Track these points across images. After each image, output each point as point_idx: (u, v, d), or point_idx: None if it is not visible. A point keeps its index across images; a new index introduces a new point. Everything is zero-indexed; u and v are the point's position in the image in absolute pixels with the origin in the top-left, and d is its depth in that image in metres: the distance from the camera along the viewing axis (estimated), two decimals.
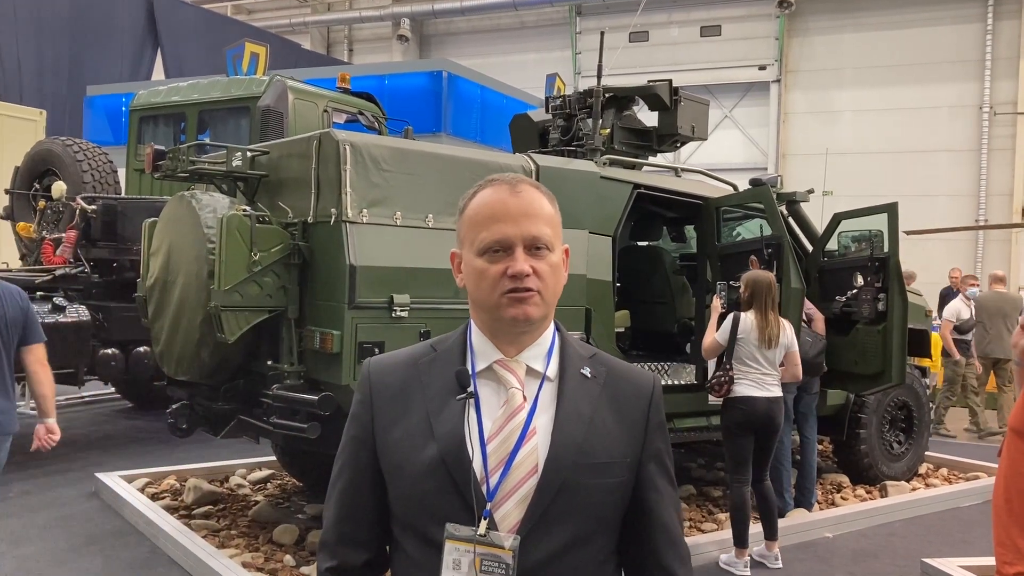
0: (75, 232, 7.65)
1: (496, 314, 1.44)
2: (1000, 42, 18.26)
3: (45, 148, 9.23)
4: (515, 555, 1.36)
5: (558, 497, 1.39)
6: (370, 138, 5.32)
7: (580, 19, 22.15)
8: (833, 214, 6.82)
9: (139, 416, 9.38)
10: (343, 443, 1.55)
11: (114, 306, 7.50)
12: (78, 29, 17.83)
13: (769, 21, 20.33)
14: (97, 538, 5.49)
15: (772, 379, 5.35)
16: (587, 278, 5.53)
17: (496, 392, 1.45)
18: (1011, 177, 18.20)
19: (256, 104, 8.37)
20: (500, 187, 1.46)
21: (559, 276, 1.48)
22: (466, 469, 1.38)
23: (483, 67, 17.67)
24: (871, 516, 6.43)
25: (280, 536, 5.39)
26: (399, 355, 1.55)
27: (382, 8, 23.86)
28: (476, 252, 1.44)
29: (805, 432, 6.49)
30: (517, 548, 1.37)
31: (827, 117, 19.69)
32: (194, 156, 5.42)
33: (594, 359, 1.52)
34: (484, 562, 1.36)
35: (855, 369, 6.45)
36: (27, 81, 16.83)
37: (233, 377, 5.30)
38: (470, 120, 14.13)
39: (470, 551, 1.37)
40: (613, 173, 6.07)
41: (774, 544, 5.43)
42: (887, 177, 18.17)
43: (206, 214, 4.94)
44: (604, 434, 1.45)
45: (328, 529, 1.55)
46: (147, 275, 5.66)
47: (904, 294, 6.28)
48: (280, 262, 4.80)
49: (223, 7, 25.11)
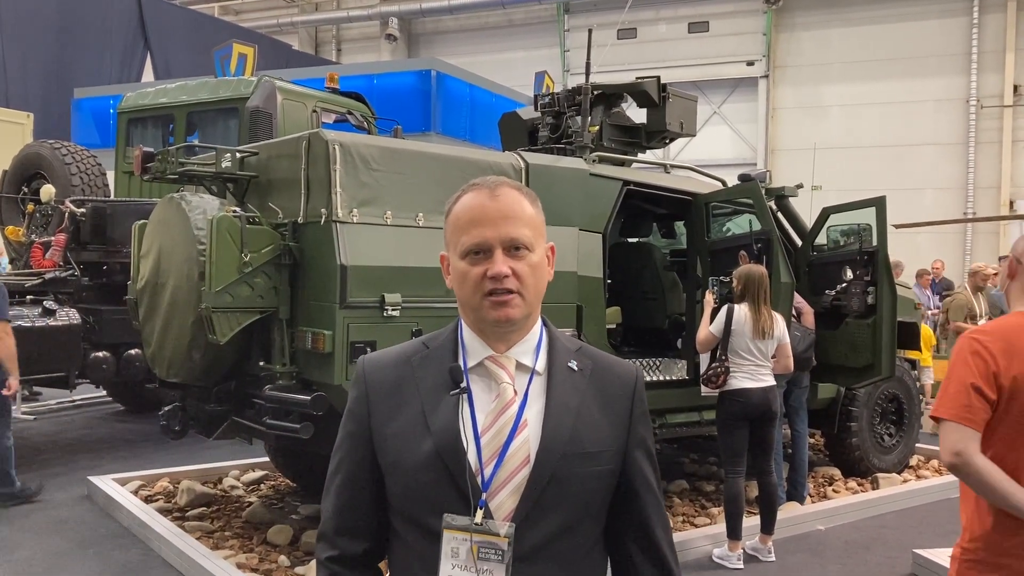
0: (64, 235, 7.62)
1: (479, 314, 1.50)
2: (986, 36, 18.36)
3: (33, 151, 9.20)
4: (510, 542, 1.43)
5: (550, 486, 1.45)
6: (359, 138, 5.32)
7: (568, 16, 22.17)
8: (822, 208, 6.86)
9: (131, 419, 9.36)
10: (340, 438, 1.60)
11: (104, 309, 7.48)
12: (65, 31, 17.75)
13: (757, 17, 20.40)
14: (91, 541, 5.49)
15: (765, 370, 5.40)
16: (578, 275, 5.55)
17: (488, 387, 1.51)
18: (998, 170, 18.31)
19: (245, 105, 8.36)
20: (480, 191, 1.52)
21: (540, 275, 1.53)
22: (461, 461, 1.44)
23: (472, 66, 17.68)
24: (863, 508, 6.47)
25: (274, 537, 5.39)
26: (392, 352, 1.60)
27: (370, 7, 23.83)
28: (459, 255, 1.50)
29: (796, 426, 6.52)
30: (512, 535, 1.43)
31: (815, 112, 19.76)
32: (183, 158, 5.41)
33: (580, 352, 1.58)
34: (481, 549, 1.43)
35: (845, 362, 6.49)
36: (13, 84, 16.75)
37: (225, 378, 5.30)
38: (459, 119, 14.14)
39: (467, 539, 1.44)
40: (602, 170, 6.09)
41: (768, 538, 5.46)
42: (876, 171, 18.25)
43: (196, 216, 4.94)
44: (591, 424, 1.51)
45: (327, 520, 1.59)
46: (138, 277, 5.65)
47: (893, 287, 6.31)
48: (271, 263, 4.80)
49: (210, 8, 25.04)
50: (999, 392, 2.23)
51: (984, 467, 2.20)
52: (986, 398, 2.23)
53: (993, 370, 2.23)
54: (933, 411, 2.32)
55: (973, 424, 2.22)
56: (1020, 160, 18.35)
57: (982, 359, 2.25)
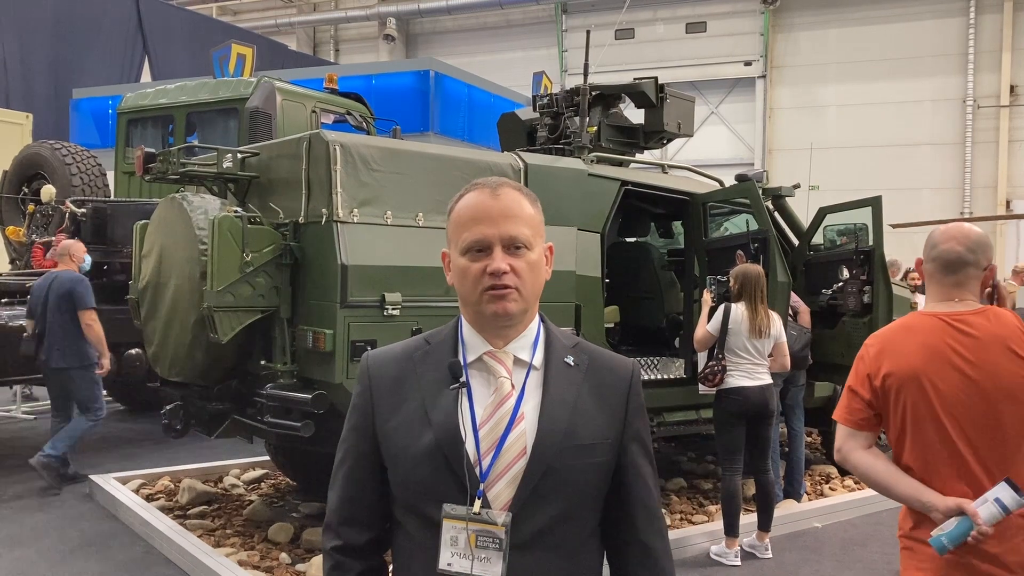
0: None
1: (478, 309, 1.55)
2: (982, 36, 18.42)
3: (33, 152, 9.23)
4: (507, 531, 1.48)
5: (546, 477, 1.50)
6: (359, 138, 5.36)
7: (566, 17, 22.22)
8: (818, 208, 6.90)
9: (132, 418, 9.39)
10: (345, 431, 1.65)
11: (106, 309, 7.48)
12: (64, 31, 17.76)
13: (754, 17, 20.46)
14: (92, 540, 5.52)
15: (762, 368, 5.44)
16: (576, 274, 5.59)
17: (486, 381, 1.56)
18: (995, 169, 18.38)
19: (244, 106, 8.39)
20: (482, 190, 1.57)
21: (538, 273, 1.58)
22: (460, 453, 1.50)
23: (470, 66, 17.73)
24: (859, 506, 6.51)
25: (275, 535, 5.43)
26: (395, 348, 1.66)
27: (368, 8, 23.87)
28: (460, 252, 1.55)
29: (793, 424, 6.56)
30: (509, 524, 1.48)
31: (812, 112, 19.82)
32: (184, 158, 5.44)
33: (576, 348, 1.63)
34: (479, 538, 1.48)
35: (842, 361, 6.52)
36: (13, 84, 16.77)
37: (226, 377, 5.33)
38: (458, 119, 14.17)
39: (466, 528, 1.48)
40: (601, 170, 6.13)
41: (765, 535, 5.50)
42: (873, 171, 18.32)
43: (197, 216, 4.97)
44: (587, 418, 1.56)
45: (332, 511, 1.64)
46: (139, 277, 5.68)
47: (889, 286, 6.35)
48: (272, 262, 4.84)
49: (208, 8, 25.06)
50: (872, 392, 2.38)
51: (861, 461, 2.40)
52: (862, 398, 2.40)
53: (867, 372, 2.40)
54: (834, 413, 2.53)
55: (852, 424, 2.42)
56: (1017, 160, 18.41)
57: (862, 362, 2.43)
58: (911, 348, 2.35)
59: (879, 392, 2.37)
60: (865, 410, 2.40)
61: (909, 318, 2.46)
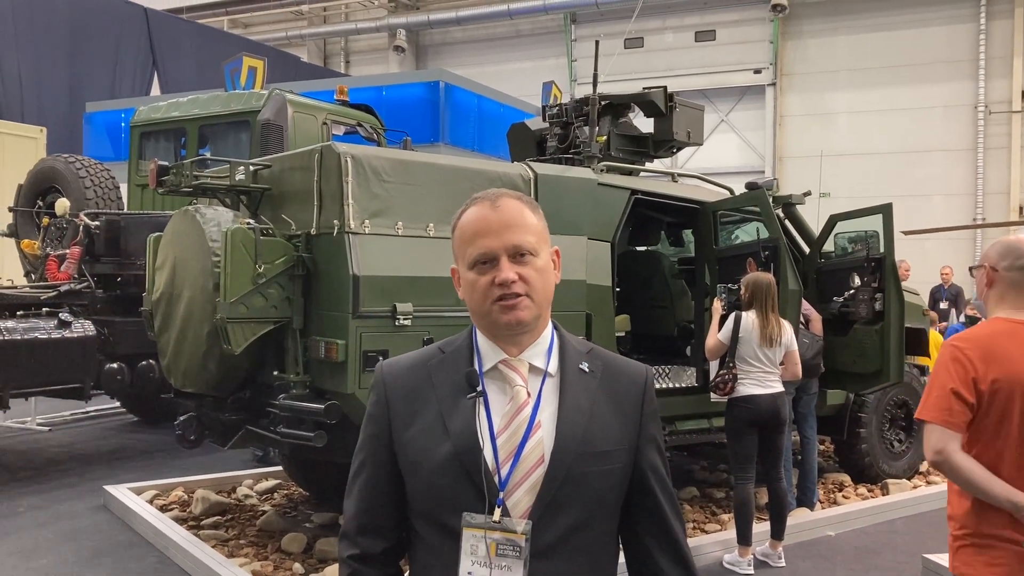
0: (79, 248, 7.72)
1: (491, 319, 1.56)
2: (993, 41, 18.35)
3: (48, 165, 9.32)
4: (528, 539, 1.49)
5: (564, 484, 1.51)
6: (371, 150, 5.40)
7: (575, 27, 22.26)
8: (829, 216, 6.89)
9: (145, 429, 9.44)
10: (361, 441, 1.66)
11: (119, 320, 7.56)
12: (77, 47, 17.92)
13: (763, 25, 20.44)
14: (107, 550, 5.55)
15: (774, 377, 5.43)
16: (587, 283, 5.59)
17: (502, 390, 1.57)
18: (1007, 175, 18.28)
19: (256, 118, 8.45)
20: (482, 204, 1.59)
21: (547, 278, 1.59)
22: (479, 462, 1.51)
23: (479, 76, 17.78)
24: (873, 514, 6.48)
25: (288, 545, 5.44)
26: (410, 357, 1.67)
27: (378, 19, 23.97)
28: (467, 266, 1.57)
29: (805, 432, 6.54)
30: (529, 532, 1.49)
31: (823, 119, 19.77)
32: (197, 171, 5.49)
33: (591, 354, 1.64)
34: (499, 546, 1.49)
35: (854, 368, 6.51)
36: (27, 99, 16.92)
37: (239, 388, 5.37)
38: (468, 129, 14.22)
39: (485, 537, 1.49)
40: (611, 179, 6.14)
41: (778, 544, 5.49)
42: (884, 178, 18.25)
43: (210, 228, 5.01)
44: (603, 424, 1.57)
45: (349, 520, 1.65)
46: (153, 289, 5.73)
47: (900, 293, 6.33)
48: (284, 274, 4.87)
49: (219, 22, 25.22)
50: (978, 396, 2.39)
51: (963, 464, 2.38)
52: (965, 402, 2.39)
53: (972, 376, 2.39)
54: (917, 413, 2.50)
55: (953, 426, 2.40)
56: None
57: (962, 365, 2.41)
58: (1018, 355, 2.40)
59: (984, 396, 2.39)
60: (966, 413, 2.40)
61: (999, 325, 2.50)
